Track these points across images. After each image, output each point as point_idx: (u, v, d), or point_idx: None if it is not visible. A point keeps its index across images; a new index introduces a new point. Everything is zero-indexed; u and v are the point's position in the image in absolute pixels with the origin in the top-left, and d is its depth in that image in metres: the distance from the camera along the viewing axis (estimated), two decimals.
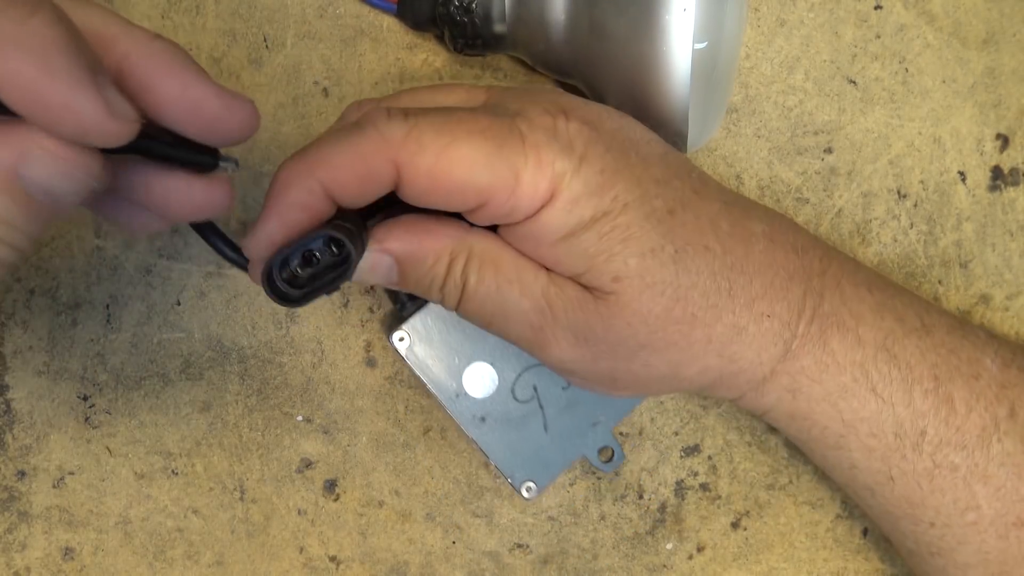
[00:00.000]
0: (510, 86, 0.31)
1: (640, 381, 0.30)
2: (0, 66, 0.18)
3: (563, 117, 0.28)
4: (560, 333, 0.29)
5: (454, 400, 0.37)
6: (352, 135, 0.26)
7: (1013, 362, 0.32)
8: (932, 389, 0.30)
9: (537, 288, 0.28)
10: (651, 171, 0.28)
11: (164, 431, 0.38)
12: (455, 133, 0.26)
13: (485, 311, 0.29)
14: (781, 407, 0.32)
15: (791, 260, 0.30)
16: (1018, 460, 0.30)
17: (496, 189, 0.26)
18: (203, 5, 0.37)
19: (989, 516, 0.31)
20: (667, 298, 0.28)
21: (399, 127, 0.26)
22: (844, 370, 0.30)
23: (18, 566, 0.38)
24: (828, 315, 0.30)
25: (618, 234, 0.27)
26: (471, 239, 0.28)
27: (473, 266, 0.28)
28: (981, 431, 0.30)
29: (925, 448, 0.31)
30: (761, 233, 0.30)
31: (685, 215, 0.28)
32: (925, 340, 0.31)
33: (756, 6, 0.37)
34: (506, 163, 0.26)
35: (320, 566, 0.39)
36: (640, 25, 0.29)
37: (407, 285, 0.29)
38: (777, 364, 0.30)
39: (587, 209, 0.27)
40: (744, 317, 0.29)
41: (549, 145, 0.27)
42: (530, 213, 0.27)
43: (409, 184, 0.26)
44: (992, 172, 0.38)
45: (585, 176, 0.27)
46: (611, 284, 0.27)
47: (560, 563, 0.39)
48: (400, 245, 0.28)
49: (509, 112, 0.28)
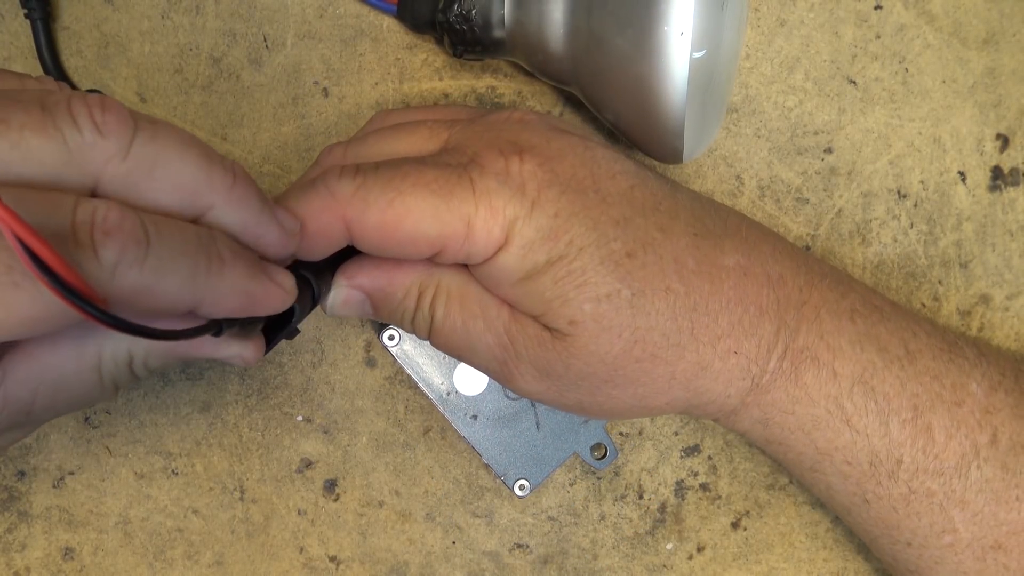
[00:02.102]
0: (477, 116, 0.31)
1: (608, 410, 0.31)
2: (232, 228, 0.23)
3: (517, 158, 0.28)
4: (524, 368, 0.29)
5: (445, 398, 0.37)
6: (305, 193, 0.27)
7: (1001, 384, 0.32)
8: (911, 419, 0.30)
9: (500, 325, 0.29)
10: (610, 211, 0.28)
11: (164, 431, 0.38)
12: (400, 188, 0.26)
13: (452, 344, 0.30)
14: (754, 433, 0.32)
15: (764, 294, 0.30)
16: (996, 486, 0.30)
17: (447, 237, 0.27)
18: (203, 5, 0.37)
19: (966, 539, 0.31)
20: (624, 340, 0.28)
21: (348, 185, 0.26)
22: (817, 403, 0.30)
23: (18, 566, 0.38)
24: (801, 350, 0.30)
25: (573, 279, 0.27)
26: (439, 273, 0.29)
27: (440, 300, 0.29)
28: (960, 459, 0.30)
29: (901, 476, 0.31)
30: (733, 266, 0.30)
31: (646, 256, 0.28)
32: (907, 369, 0.31)
33: (756, 6, 0.37)
34: (455, 212, 0.26)
35: (320, 566, 0.39)
36: (638, 36, 0.29)
37: (381, 317, 0.30)
38: (746, 397, 0.30)
39: (541, 254, 0.27)
40: (708, 354, 0.29)
41: (499, 191, 0.27)
42: (487, 256, 0.27)
43: (360, 239, 0.27)
44: (992, 172, 0.38)
45: (538, 221, 0.27)
46: (568, 327, 0.28)
47: (560, 563, 0.39)
48: (369, 281, 0.29)
49: (465, 157, 0.28)
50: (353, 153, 0.31)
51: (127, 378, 0.24)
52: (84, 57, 0.37)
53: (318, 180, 0.27)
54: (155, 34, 0.37)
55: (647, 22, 0.29)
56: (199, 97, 0.37)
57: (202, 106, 0.37)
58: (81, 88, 0.36)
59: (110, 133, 0.22)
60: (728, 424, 0.32)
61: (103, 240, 0.20)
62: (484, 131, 0.30)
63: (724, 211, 0.32)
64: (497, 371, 0.30)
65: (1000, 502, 0.30)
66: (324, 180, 0.27)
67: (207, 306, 0.22)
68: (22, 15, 0.36)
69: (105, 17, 0.37)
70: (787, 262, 0.31)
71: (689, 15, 0.28)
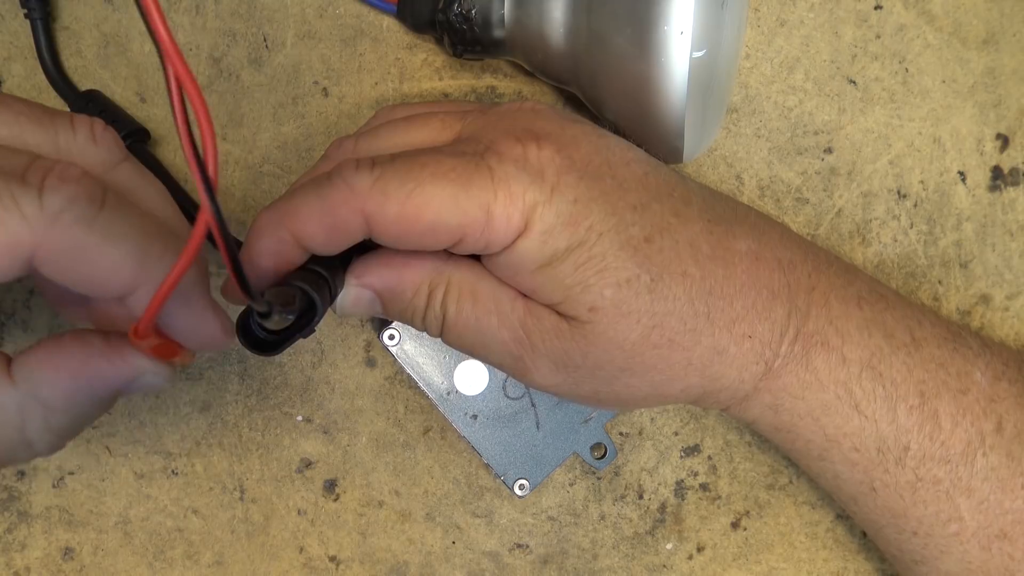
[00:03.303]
0: (487, 107, 0.31)
1: (624, 400, 0.31)
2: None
3: (535, 145, 0.28)
4: (540, 361, 0.29)
5: (445, 398, 0.37)
6: (321, 187, 0.27)
7: (1004, 374, 0.32)
8: (917, 406, 0.30)
9: (515, 319, 0.29)
10: (628, 197, 0.28)
11: (164, 431, 0.38)
12: (419, 178, 0.26)
13: (466, 341, 0.30)
14: (764, 420, 0.32)
15: (776, 278, 0.30)
16: (1002, 474, 0.30)
17: (467, 226, 0.26)
18: (203, 5, 0.37)
19: (972, 528, 0.31)
20: (643, 326, 0.28)
21: (365, 177, 0.26)
22: (827, 388, 0.30)
23: (18, 566, 0.38)
24: (812, 334, 0.30)
25: (593, 264, 0.27)
26: (449, 270, 0.29)
27: (452, 297, 0.29)
28: (966, 446, 0.30)
29: (908, 463, 0.31)
30: (745, 251, 0.30)
31: (663, 241, 0.28)
32: (913, 356, 0.31)
33: (756, 6, 0.37)
34: (475, 200, 0.26)
35: (320, 566, 0.39)
36: (638, 35, 0.29)
37: (391, 316, 0.30)
38: (759, 382, 0.30)
39: (561, 240, 0.27)
40: (724, 339, 0.29)
41: (519, 177, 0.27)
42: (506, 244, 0.27)
43: (380, 231, 0.27)
44: (992, 172, 0.38)
45: (557, 206, 0.27)
46: (587, 314, 0.28)
47: (560, 563, 0.39)
48: (378, 280, 0.29)
49: (481, 145, 0.28)
50: (365, 146, 0.31)
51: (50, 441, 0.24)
52: (84, 57, 0.37)
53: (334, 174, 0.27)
54: None
55: (647, 21, 0.29)
56: None
57: None
58: (80, 88, 0.36)
59: (103, 146, 0.22)
60: (738, 412, 0.32)
61: (55, 185, 0.20)
62: (498, 120, 0.29)
63: (731, 200, 0.32)
64: (512, 366, 0.30)
65: (1005, 490, 0.30)
66: (340, 174, 0.26)
67: (141, 296, 0.22)
68: (22, 15, 0.36)
69: (105, 17, 0.37)
70: (795, 248, 0.32)
71: (689, 14, 0.28)
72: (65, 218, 0.20)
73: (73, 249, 0.21)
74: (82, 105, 0.36)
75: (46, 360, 0.23)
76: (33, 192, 0.20)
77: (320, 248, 0.27)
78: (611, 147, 0.29)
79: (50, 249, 0.20)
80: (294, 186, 0.28)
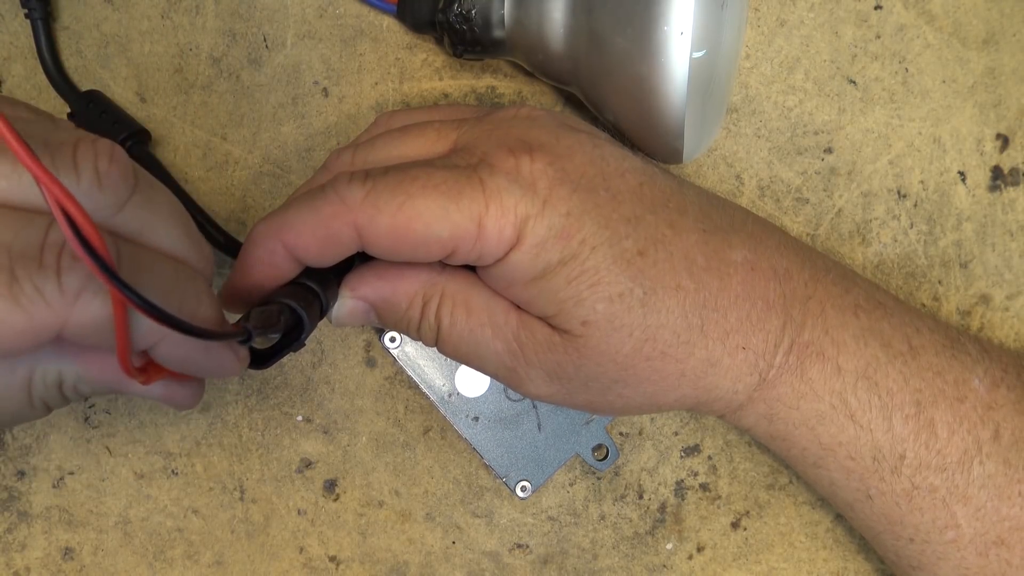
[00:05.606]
0: (484, 114, 0.31)
1: (618, 409, 0.31)
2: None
3: (528, 157, 0.28)
4: (533, 372, 0.29)
5: (447, 400, 0.37)
6: (315, 200, 0.27)
7: (1003, 380, 0.32)
8: (913, 415, 0.30)
9: (508, 331, 0.29)
10: (621, 209, 0.28)
11: (164, 431, 0.38)
12: (410, 191, 0.26)
13: (460, 351, 0.30)
14: (759, 429, 0.32)
15: (771, 288, 0.30)
16: (999, 481, 0.30)
17: (458, 238, 0.27)
18: (203, 5, 0.37)
19: (968, 535, 0.31)
20: (636, 339, 0.28)
21: (357, 190, 0.27)
22: (821, 398, 0.30)
23: (18, 566, 0.38)
24: (807, 344, 0.30)
25: (586, 278, 0.27)
26: (443, 281, 0.29)
27: (446, 308, 0.29)
28: (962, 454, 0.30)
29: (904, 471, 0.31)
30: (741, 261, 0.30)
31: (657, 254, 0.28)
32: (910, 364, 0.31)
33: (756, 6, 0.37)
34: (465, 212, 0.26)
35: (320, 566, 0.39)
36: (638, 35, 0.29)
37: (387, 326, 0.30)
38: (753, 392, 0.31)
39: (554, 253, 0.27)
40: (717, 351, 0.29)
41: (510, 189, 0.27)
42: (499, 256, 0.27)
43: (372, 243, 0.27)
44: (992, 172, 0.38)
45: (549, 219, 0.27)
46: (580, 328, 0.28)
47: (560, 563, 0.39)
48: (373, 292, 0.29)
49: (474, 157, 0.28)
50: (362, 157, 0.31)
51: (57, 400, 0.24)
52: (84, 57, 0.37)
53: (327, 186, 0.27)
54: (155, 34, 0.37)
55: (647, 22, 0.29)
56: (199, 97, 0.37)
57: (202, 106, 0.37)
58: (81, 89, 0.36)
59: (108, 188, 0.22)
60: (733, 420, 0.32)
61: (71, 265, 0.21)
62: (493, 129, 0.29)
63: (729, 206, 0.32)
64: (506, 376, 0.30)
65: (1003, 498, 0.30)
66: (334, 186, 0.27)
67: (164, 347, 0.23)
68: (22, 15, 0.36)
69: (105, 17, 0.37)
70: (792, 256, 0.32)
71: (689, 15, 0.28)
72: (86, 296, 0.21)
73: (96, 320, 0.21)
74: (82, 105, 0.36)
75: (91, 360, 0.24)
76: (52, 276, 0.20)
77: (313, 260, 0.27)
78: (606, 157, 0.29)
79: (75, 324, 0.21)
80: (291, 198, 0.29)
